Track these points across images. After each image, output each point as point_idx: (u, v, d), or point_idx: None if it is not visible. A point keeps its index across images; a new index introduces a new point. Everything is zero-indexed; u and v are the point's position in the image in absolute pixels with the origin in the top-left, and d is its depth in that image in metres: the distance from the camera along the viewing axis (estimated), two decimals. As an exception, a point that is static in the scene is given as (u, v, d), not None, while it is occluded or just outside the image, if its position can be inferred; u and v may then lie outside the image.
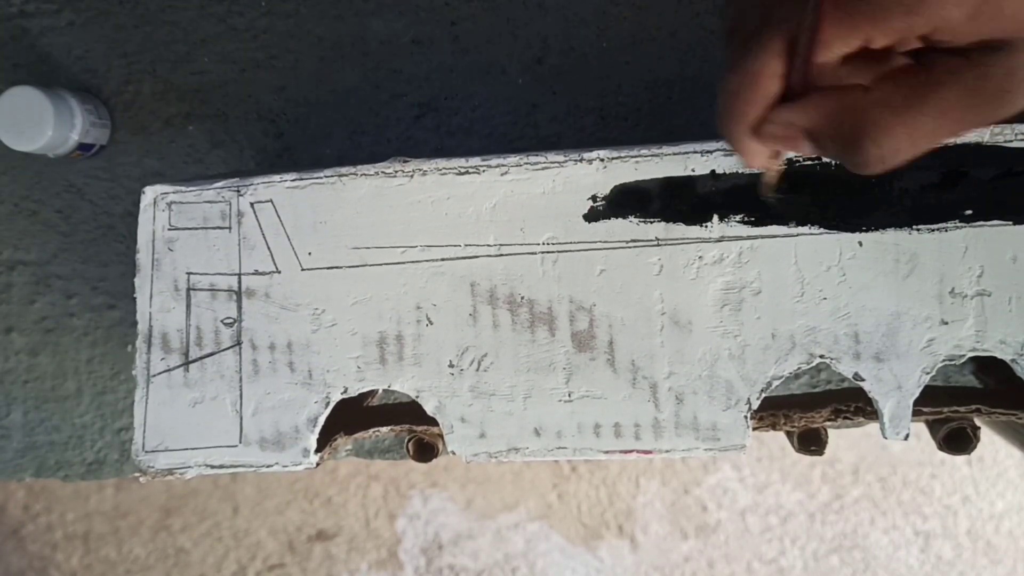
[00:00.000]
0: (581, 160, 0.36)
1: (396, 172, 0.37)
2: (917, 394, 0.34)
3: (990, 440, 1.11)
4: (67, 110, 0.49)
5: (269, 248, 0.37)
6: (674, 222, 0.35)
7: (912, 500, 1.20)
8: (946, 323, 0.34)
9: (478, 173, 0.36)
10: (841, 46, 0.22)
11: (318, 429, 0.37)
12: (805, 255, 0.35)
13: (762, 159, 0.26)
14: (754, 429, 0.36)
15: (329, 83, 0.51)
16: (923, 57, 0.23)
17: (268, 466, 0.37)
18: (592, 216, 0.36)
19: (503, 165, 0.36)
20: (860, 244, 0.34)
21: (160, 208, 0.38)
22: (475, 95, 0.51)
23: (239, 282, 0.37)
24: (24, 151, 0.49)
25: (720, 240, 0.35)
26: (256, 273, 0.37)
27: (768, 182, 0.32)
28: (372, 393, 0.44)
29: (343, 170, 0.37)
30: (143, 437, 0.37)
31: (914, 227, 0.34)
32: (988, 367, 0.45)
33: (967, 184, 0.34)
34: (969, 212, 0.34)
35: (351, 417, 0.39)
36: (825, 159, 0.34)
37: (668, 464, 1.22)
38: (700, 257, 0.35)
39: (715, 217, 0.35)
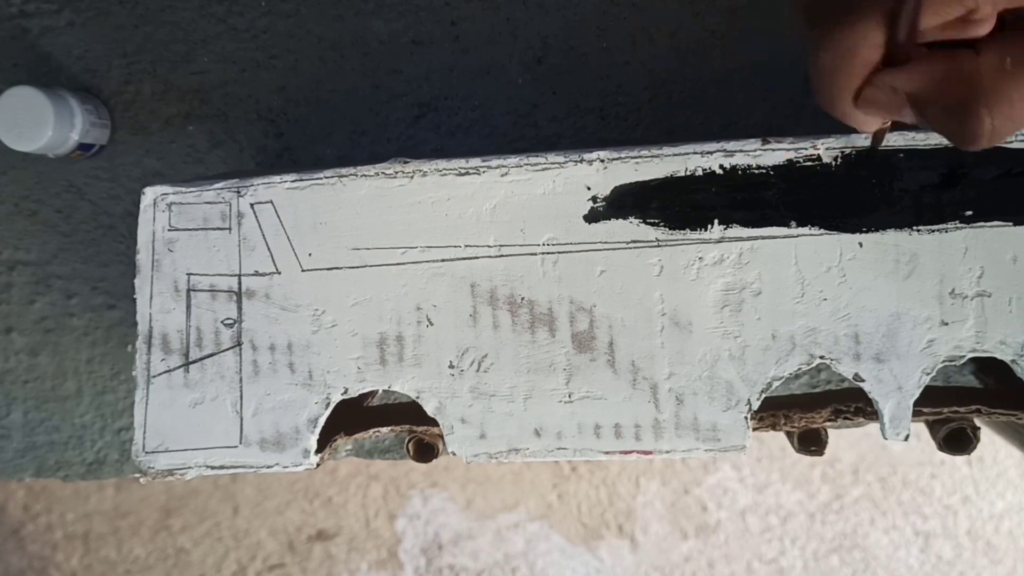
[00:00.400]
0: (581, 161, 0.36)
1: (396, 173, 0.37)
2: (917, 395, 0.34)
3: (990, 440, 1.11)
4: (67, 110, 0.49)
5: (269, 249, 0.37)
6: (674, 223, 0.35)
7: (912, 500, 1.20)
8: (946, 324, 0.34)
9: (478, 174, 0.36)
10: (949, 9, 0.21)
11: (318, 430, 0.37)
12: (805, 256, 0.35)
13: (875, 124, 0.25)
14: (754, 430, 0.36)
15: (329, 83, 0.51)
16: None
17: (268, 467, 0.37)
18: (592, 217, 0.36)
19: (503, 166, 0.36)
20: (860, 245, 0.34)
21: (160, 209, 0.38)
22: (475, 95, 0.51)
23: (239, 283, 0.37)
24: (24, 151, 0.49)
25: (720, 241, 0.35)
26: (256, 274, 0.37)
27: (878, 138, 0.31)
28: (372, 394, 0.44)
29: (343, 171, 0.37)
30: (143, 438, 0.37)
31: (914, 228, 0.34)
32: (988, 367, 0.45)
33: (967, 184, 0.34)
34: (969, 213, 0.34)
35: (351, 417, 0.39)
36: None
37: (668, 464, 1.22)
38: (700, 258, 0.35)
39: (715, 218, 0.35)
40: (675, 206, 0.35)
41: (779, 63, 0.49)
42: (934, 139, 0.34)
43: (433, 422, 0.36)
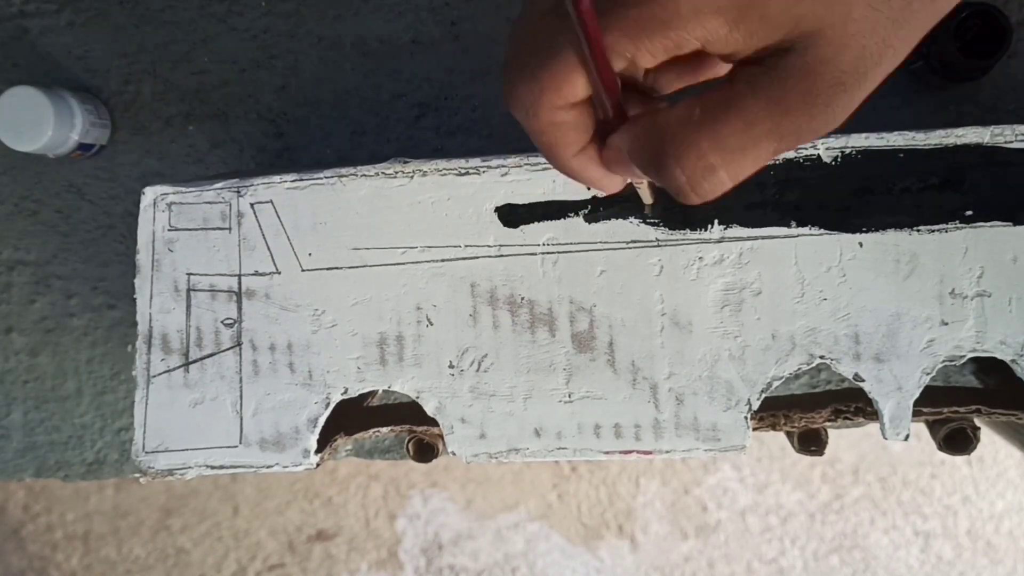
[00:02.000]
0: (581, 161, 0.36)
1: (396, 173, 0.37)
2: (917, 394, 0.34)
3: (990, 440, 1.11)
4: (67, 110, 0.49)
5: (269, 249, 0.37)
6: (674, 223, 0.35)
7: (912, 500, 1.20)
8: (946, 324, 0.34)
9: (478, 174, 0.36)
10: (617, 61, 0.21)
11: (318, 430, 0.37)
12: (805, 256, 0.35)
13: (616, 183, 0.25)
14: (754, 429, 0.36)
15: (329, 83, 0.51)
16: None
17: (268, 467, 0.37)
18: (592, 217, 0.36)
19: (503, 166, 0.36)
20: (860, 245, 0.34)
21: (160, 209, 0.38)
22: (475, 95, 0.51)
23: (239, 283, 0.37)
24: (24, 151, 0.49)
25: (720, 241, 0.35)
26: (256, 274, 0.37)
27: (645, 201, 0.29)
28: (372, 393, 0.44)
29: (343, 171, 0.37)
30: (143, 438, 0.37)
31: (914, 228, 0.34)
32: (988, 367, 0.45)
33: (967, 185, 0.34)
34: (969, 213, 0.34)
35: (351, 417, 0.39)
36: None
37: (668, 464, 1.22)
38: (700, 258, 0.35)
39: (715, 218, 0.35)
40: (675, 206, 0.35)
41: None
42: (934, 139, 0.34)
43: (433, 422, 0.36)
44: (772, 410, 0.37)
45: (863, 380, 0.34)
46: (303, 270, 0.37)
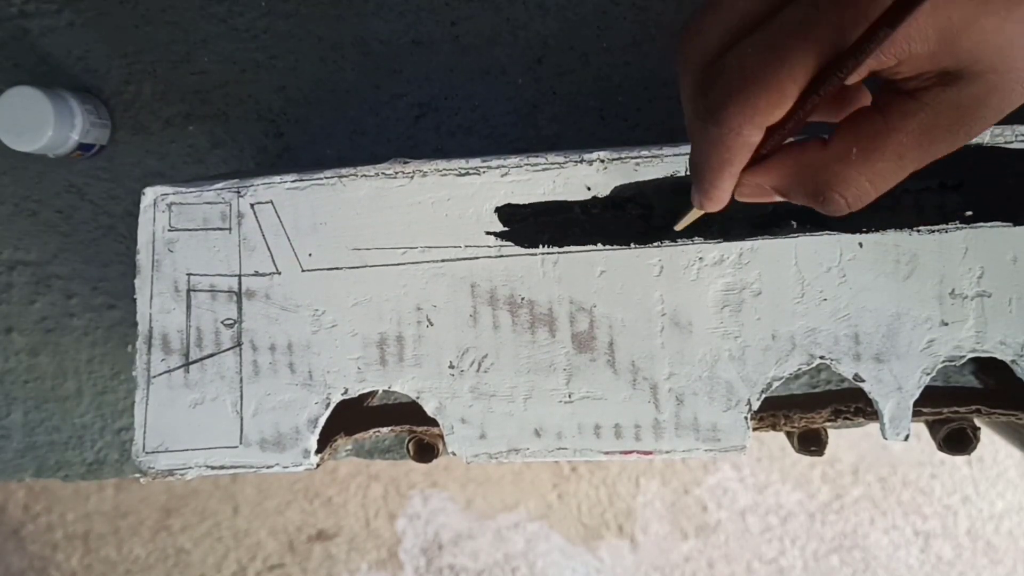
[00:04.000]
0: (581, 161, 0.36)
1: (396, 173, 0.37)
2: (917, 395, 0.34)
3: (990, 440, 1.11)
4: (67, 110, 0.49)
5: (269, 249, 0.37)
6: (675, 223, 0.35)
7: (912, 500, 1.20)
8: (946, 324, 0.34)
9: (478, 174, 0.36)
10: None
11: (318, 430, 0.37)
12: (805, 256, 0.35)
13: (725, 203, 0.27)
14: (754, 430, 0.36)
15: (329, 83, 0.51)
16: (878, 97, 0.23)
17: (268, 467, 0.37)
18: (592, 217, 0.36)
19: (503, 166, 0.36)
20: (860, 245, 0.34)
21: (160, 209, 0.38)
22: (475, 95, 0.51)
23: (239, 283, 0.37)
24: (24, 151, 0.49)
25: (720, 241, 0.35)
26: (256, 274, 0.37)
27: (682, 226, 0.32)
28: (372, 394, 0.44)
29: (343, 171, 0.37)
30: (143, 438, 0.37)
31: (914, 228, 0.34)
32: (988, 367, 0.45)
33: (967, 185, 0.34)
34: (969, 213, 0.34)
35: (351, 418, 0.39)
36: None
37: (668, 464, 1.22)
38: (700, 258, 0.35)
39: (715, 218, 0.35)
40: (675, 206, 0.35)
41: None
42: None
43: (433, 422, 0.36)
44: (772, 410, 0.37)
45: (863, 380, 0.34)
46: (303, 270, 0.37)
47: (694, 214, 0.30)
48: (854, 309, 0.34)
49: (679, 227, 0.33)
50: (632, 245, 0.35)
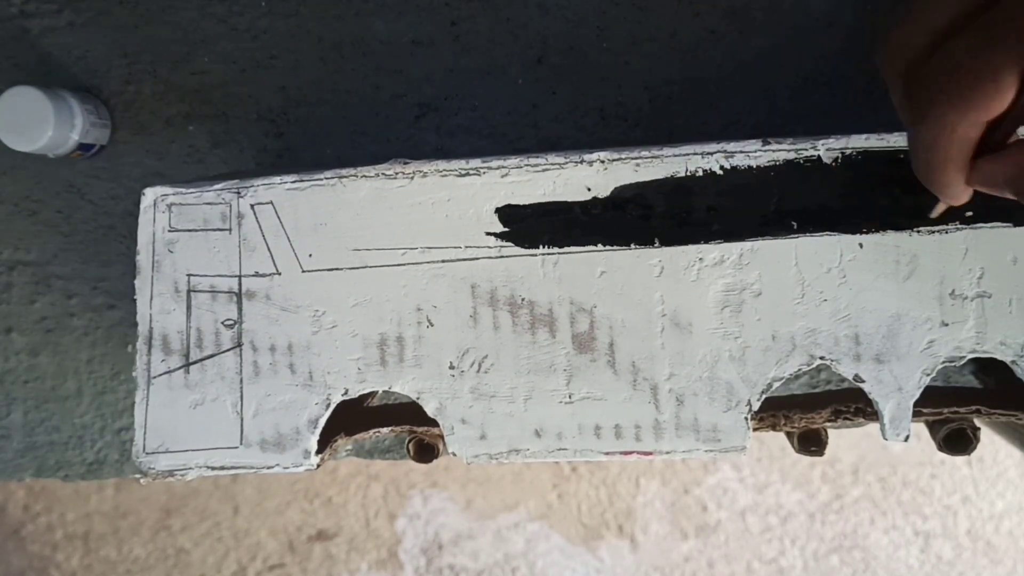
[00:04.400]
0: (582, 162, 0.36)
1: (396, 174, 0.37)
2: (917, 395, 0.34)
3: (990, 440, 1.11)
4: (67, 110, 0.49)
5: (269, 250, 0.37)
6: (675, 224, 0.35)
7: (912, 500, 1.20)
8: (946, 324, 0.34)
9: (478, 175, 0.36)
10: None
11: (319, 431, 0.37)
12: (805, 257, 0.35)
13: (967, 196, 0.27)
14: (754, 430, 0.36)
15: (329, 83, 0.51)
16: None
17: (269, 467, 0.37)
18: (593, 218, 0.36)
19: (503, 167, 0.36)
20: (860, 246, 0.34)
21: (160, 210, 0.38)
22: (475, 95, 0.51)
23: (239, 284, 0.37)
24: (24, 151, 0.49)
25: (721, 242, 0.35)
26: (256, 275, 0.37)
27: (934, 215, 0.33)
28: (372, 394, 0.44)
29: (343, 172, 0.37)
30: (143, 439, 0.37)
31: (914, 229, 0.34)
32: (988, 368, 0.45)
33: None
34: (969, 214, 0.34)
35: (351, 418, 0.39)
36: None
37: (668, 464, 1.22)
38: (700, 259, 0.35)
39: (716, 219, 0.35)
40: (676, 207, 0.35)
41: (779, 63, 0.49)
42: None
43: (433, 423, 0.36)
44: (772, 410, 0.37)
45: (863, 381, 0.34)
46: (303, 271, 0.37)
47: (944, 204, 0.30)
48: (854, 310, 0.34)
49: (934, 215, 0.33)
50: (632, 246, 0.35)
